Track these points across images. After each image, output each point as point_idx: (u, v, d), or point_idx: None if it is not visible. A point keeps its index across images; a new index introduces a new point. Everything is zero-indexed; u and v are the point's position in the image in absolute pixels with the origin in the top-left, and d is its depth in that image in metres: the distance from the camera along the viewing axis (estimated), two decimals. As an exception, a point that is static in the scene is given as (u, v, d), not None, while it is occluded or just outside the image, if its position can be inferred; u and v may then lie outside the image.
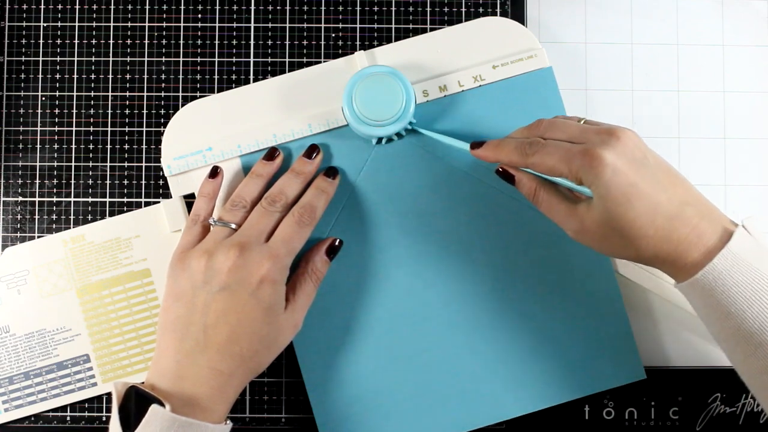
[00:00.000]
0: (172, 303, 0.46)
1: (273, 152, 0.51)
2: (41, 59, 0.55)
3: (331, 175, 0.51)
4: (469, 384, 0.52)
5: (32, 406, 0.53)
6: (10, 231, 0.55)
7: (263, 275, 0.45)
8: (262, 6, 0.56)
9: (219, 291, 0.45)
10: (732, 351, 0.42)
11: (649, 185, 0.42)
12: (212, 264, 0.46)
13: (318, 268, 0.50)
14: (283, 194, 0.49)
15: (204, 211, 0.50)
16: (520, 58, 0.53)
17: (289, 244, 0.47)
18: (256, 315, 0.45)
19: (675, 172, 0.44)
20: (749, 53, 0.56)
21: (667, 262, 0.42)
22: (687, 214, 0.42)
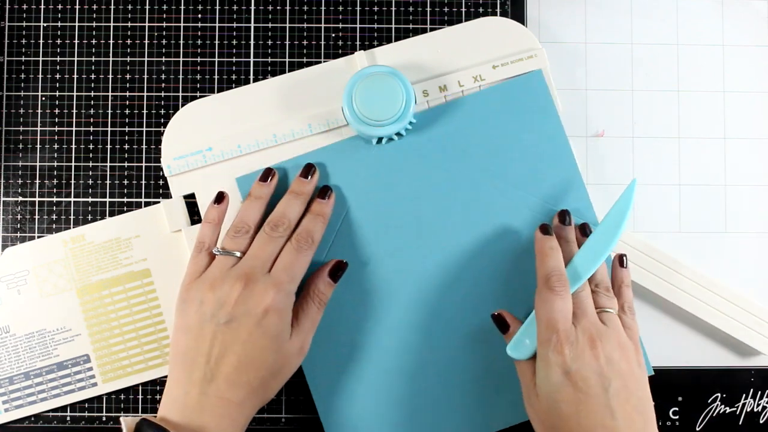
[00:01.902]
0: (181, 335, 0.47)
1: (268, 173, 0.51)
2: (41, 59, 0.55)
3: (324, 196, 0.51)
4: (475, 392, 0.52)
5: (32, 406, 0.53)
6: (10, 231, 0.55)
7: (268, 305, 0.46)
8: (262, 6, 0.56)
9: (226, 323, 0.46)
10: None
11: (598, 404, 0.43)
12: (218, 296, 0.46)
13: (321, 290, 0.50)
14: (285, 218, 0.49)
15: (209, 238, 0.50)
16: (520, 58, 0.53)
17: (291, 271, 0.48)
18: (263, 344, 0.46)
19: (643, 410, 0.44)
20: (749, 53, 0.56)
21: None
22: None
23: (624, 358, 0.45)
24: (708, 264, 0.55)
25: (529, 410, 0.47)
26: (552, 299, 0.46)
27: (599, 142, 0.56)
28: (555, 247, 0.49)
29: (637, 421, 0.43)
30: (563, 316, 0.45)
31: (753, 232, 0.56)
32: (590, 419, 0.43)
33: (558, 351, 0.44)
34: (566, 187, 0.52)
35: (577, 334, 0.45)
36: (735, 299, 0.54)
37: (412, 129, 0.53)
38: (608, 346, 0.45)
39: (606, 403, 0.43)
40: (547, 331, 0.45)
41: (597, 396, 0.43)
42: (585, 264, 0.48)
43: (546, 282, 0.47)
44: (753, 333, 0.54)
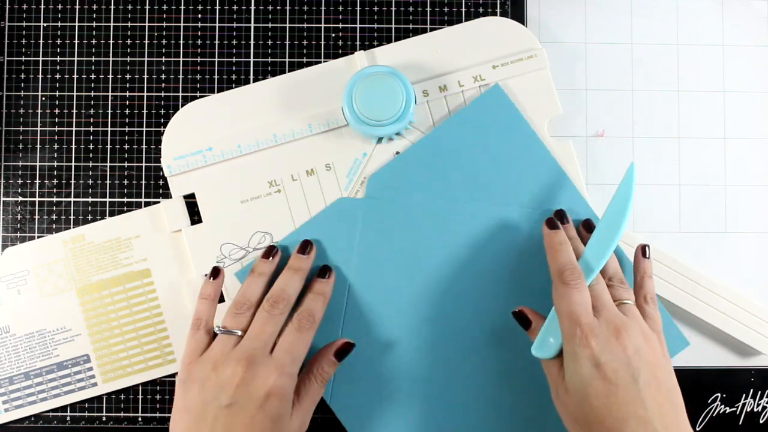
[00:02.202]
0: (182, 415, 0.47)
1: (271, 250, 0.51)
2: (41, 59, 0.55)
3: (324, 275, 0.51)
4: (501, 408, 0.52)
5: (32, 406, 0.53)
6: (10, 231, 0.55)
7: (270, 389, 0.46)
8: (262, 6, 0.56)
9: (227, 406, 0.45)
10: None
11: (629, 396, 0.43)
12: (220, 379, 0.46)
13: (325, 370, 0.50)
14: (285, 293, 0.49)
15: (206, 315, 0.50)
16: (520, 58, 0.53)
17: (292, 352, 0.47)
18: (264, 426, 0.45)
19: (674, 398, 0.44)
20: (749, 53, 0.56)
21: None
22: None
23: (650, 348, 0.45)
24: (708, 264, 0.55)
25: (559, 407, 0.46)
26: (569, 293, 0.46)
27: (599, 142, 0.56)
28: (564, 241, 0.48)
29: (669, 410, 0.43)
30: (584, 309, 0.45)
31: (753, 232, 0.56)
32: (622, 410, 0.42)
33: (584, 344, 0.44)
34: (556, 189, 0.52)
35: (601, 326, 0.45)
36: (735, 299, 0.54)
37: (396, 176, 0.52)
38: (633, 337, 0.44)
39: (637, 393, 0.43)
40: (571, 325, 0.45)
41: (627, 387, 0.43)
42: (595, 256, 0.48)
43: (560, 276, 0.46)
44: (753, 333, 0.54)
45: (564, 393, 0.45)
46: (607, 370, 0.43)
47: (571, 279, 0.46)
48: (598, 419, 0.43)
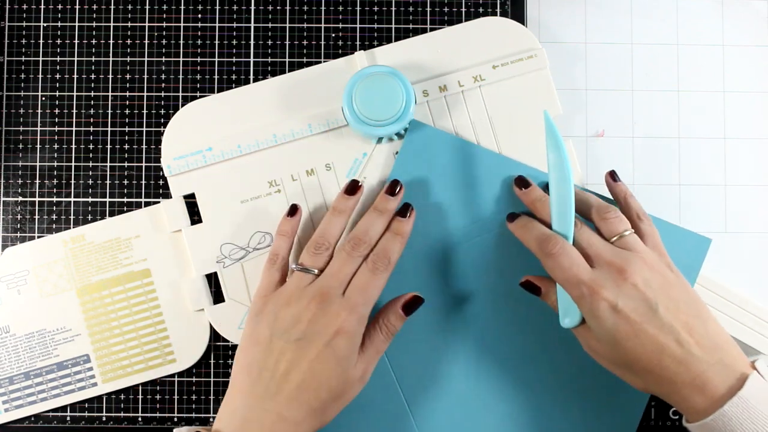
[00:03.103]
0: (249, 346, 0.47)
1: (354, 185, 0.51)
2: (41, 59, 0.55)
3: (405, 214, 0.50)
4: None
5: (32, 406, 0.53)
6: (10, 231, 0.55)
7: (339, 327, 0.46)
8: (262, 6, 0.56)
9: (296, 340, 0.45)
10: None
11: (656, 328, 0.43)
12: (293, 313, 0.46)
13: (392, 322, 0.49)
14: (368, 236, 0.49)
15: (283, 251, 0.50)
16: (520, 58, 0.53)
17: (365, 293, 0.47)
18: (329, 365, 0.45)
19: (695, 310, 0.44)
20: (749, 53, 0.56)
21: (673, 399, 0.44)
22: (696, 359, 0.43)
23: (656, 273, 0.45)
24: (708, 264, 0.55)
25: (596, 357, 0.47)
26: (557, 261, 0.45)
27: (599, 142, 0.56)
28: (527, 223, 0.49)
29: (696, 324, 0.43)
30: (579, 268, 0.45)
31: (753, 232, 0.56)
32: (654, 343, 0.43)
33: (596, 299, 0.44)
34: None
35: (603, 273, 0.45)
36: (735, 299, 0.54)
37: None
38: (638, 270, 0.44)
39: (661, 323, 0.43)
40: (576, 288, 0.45)
41: (651, 320, 0.43)
42: (561, 210, 0.47)
43: (541, 250, 0.46)
44: (753, 333, 0.54)
45: (597, 344, 0.46)
46: (627, 312, 0.43)
47: (552, 248, 0.46)
48: (636, 358, 0.43)
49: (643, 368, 0.43)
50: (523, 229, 0.49)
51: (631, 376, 0.45)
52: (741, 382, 0.42)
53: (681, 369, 0.42)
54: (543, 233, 0.47)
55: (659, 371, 0.43)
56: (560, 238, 0.46)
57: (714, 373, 0.42)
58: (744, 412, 0.41)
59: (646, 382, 0.44)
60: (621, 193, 0.50)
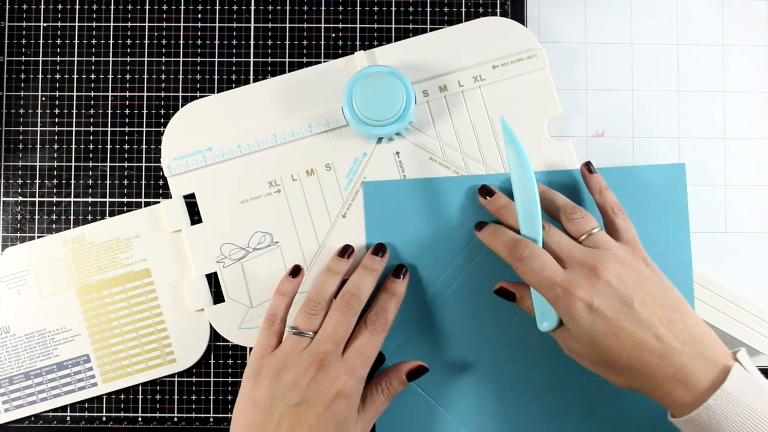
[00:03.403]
0: (248, 408, 0.47)
1: (346, 249, 0.52)
2: (41, 59, 0.55)
3: (399, 275, 0.51)
4: None
5: (32, 406, 0.53)
6: (10, 231, 0.55)
7: (339, 390, 0.46)
8: (262, 6, 0.56)
9: (296, 405, 0.45)
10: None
11: (633, 324, 0.43)
12: (291, 378, 0.46)
13: (394, 386, 0.49)
14: (359, 291, 0.49)
15: (281, 311, 0.50)
16: (520, 58, 0.53)
17: (363, 355, 0.47)
18: (329, 428, 0.45)
19: (673, 303, 0.44)
20: (749, 53, 0.56)
21: (656, 395, 0.43)
22: (676, 352, 0.42)
23: (630, 268, 0.45)
24: (708, 264, 0.55)
25: (576, 358, 0.47)
26: (527, 264, 0.45)
27: (599, 142, 0.56)
28: (495, 230, 0.49)
29: (674, 318, 0.43)
30: (551, 270, 0.45)
31: (753, 232, 0.56)
32: (633, 339, 0.43)
33: (571, 299, 0.44)
34: None
35: (576, 273, 0.45)
36: (735, 299, 0.54)
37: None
38: (611, 267, 0.44)
39: (638, 318, 0.43)
40: (550, 290, 0.45)
41: (627, 316, 0.43)
42: (528, 214, 0.47)
43: (511, 257, 0.46)
44: (753, 333, 0.54)
45: (576, 344, 0.45)
46: (603, 310, 0.43)
47: (522, 252, 0.46)
48: (616, 356, 0.43)
49: (623, 365, 0.43)
50: (491, 236, 0.49)
51: (613, 375, 0.45)
52: (724, 374, 0.41)
53: (662, 363, 0.42)
54: (512, 238, 0.47)
55: (640, 367, 0.43)
56: (530, 242, 0.46)
57: (695, 366, 0.42)
58: (729, 406, 0.40)
59: (628, 380, 0.44)
60: (596, 186, 0.50)
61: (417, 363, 0.50)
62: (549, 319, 0.47)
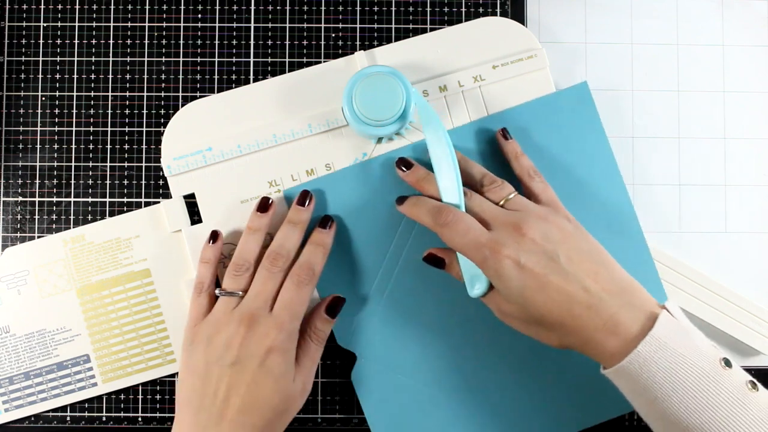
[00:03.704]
0: (188, 377, 0.47)
1: (265, 203, 0.51)
2: (41, 59, 0.55)
3: (326, 225, 0.51)
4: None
5: (32, 406, 0.53)
6: (10, 231, 0.55)
7: (270, 346, 0.46)
8: (262, 6, 0.56)
9: (231, 365, 0.46)
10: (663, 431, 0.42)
11: (561, 277, 0.43)
12: (224, 338, 0.47)
13: (319, 328, 0.50)
14: (284, 249, 0.49)
15: (207, 278, 0.50)
16: (520, 58, 0.53)
17: (291, 308, 0.48)
18: (266, 385, 0.46)
19: (598, 257, 0.45)
20: (749, 53, 0.56)
21: (588, 348, 0.43)
22: (605, 303, 0.43)
23: (553, 225, 0.45)
24: (708, 264, 0.55)
25: (508, 321, 0.46)
26: (453, 228, 0.45)
27: (599, 142, 0.56)
28: (417, 201, 0.49)
29: (601, 271, 0.44)
30: (477, 232, 0.45)
31: (753, 232, 0.56)
32: (562, 292, 0.43)
33: (498, 258, 0.44)
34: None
35: (501, 232, 0.45)
36: (735, 299, 0.54)
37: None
38: (534, 225, 0.45)
39: (566, 272, 0.43)
40: (477, 252, 0.44)
41: (555, 270, 0.43)
42: (448, 181, 0.48)
43: (436, 224, 0.46)
44: (753, 333, 0.54)
45: (507, 305, 0.45)
46: (531, 267, 0.43)
47: (446, 217, 0.46)
48: (548, 312, 0.43)
49: (554, 321, 0.43)
50: (414, 207, 0.49)
51: (545, 333, 0.45)
52: (652, 321, 0.41)
53: (591, 314, 0.42)
54: (434, 206, 0.47)
55: (570, 321, 0.43)
56: (452, 208, 0.46)
57: (624, 315, 0.42)
58: (658, 351, 0.40)
59: (560, 336, 0.44)
60: (512, 152, 0.50)
61: (331, 296, 0.51)
62: (480, 283, 0.47)
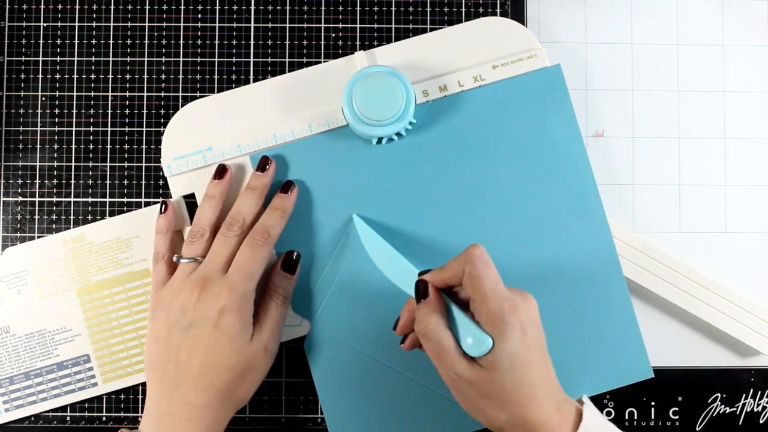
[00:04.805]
0: (151, 344, 0.48)
1: (222, 170, 0.51)
2: (41, 59, 0.55)
3: (287, 191, 0.51)
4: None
5: (32, 406, 0.53)
6: (10, 231, 0.55)
7: (222, 306, 0.46)
8: (262, 6, 0.56)
9: (187, 328, 0.47)
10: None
11: (542, 355, 0.44)
12: (180, 302, 0.47)
13: (278, 285, 0.50)
14: (240, 215, 0.50)
15: (162, 247, 0.51)
16: (520, 58, 0.53)
17: (244, 269, 0.48)
18: (222, 345, 0.46)
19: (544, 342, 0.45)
20: (749, 53, 0.56)
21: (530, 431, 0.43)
22: (556, 389, 0.44)
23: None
24: (708, 264, 0.55)
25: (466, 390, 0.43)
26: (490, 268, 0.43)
27: (599, 142, 0.56)
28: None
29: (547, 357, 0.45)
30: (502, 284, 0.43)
31: (753, 232, 0.56)
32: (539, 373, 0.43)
33: (514, 317, 0.42)
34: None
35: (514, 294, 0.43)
36: (735, 299, 0.54)
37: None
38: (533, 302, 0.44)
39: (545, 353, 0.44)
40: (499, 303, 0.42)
41: (541, 350, 0.44)
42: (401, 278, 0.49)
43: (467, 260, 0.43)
44: (753, 333, 0.54)
45: (478, 371, 0.42)
46: (530, 337, 0.42)
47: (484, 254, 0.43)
48: (516, 389, 0.42)
49: (516, 400, 0.42)
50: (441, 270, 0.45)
51: (495, 410, 0.43)
52: (579, 412, 0.45)
53: (550, 401, 0.43)
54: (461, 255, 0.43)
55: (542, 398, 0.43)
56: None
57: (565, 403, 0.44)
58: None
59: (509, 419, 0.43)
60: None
61: (285, 252, 0.51)
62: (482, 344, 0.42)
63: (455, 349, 0.43)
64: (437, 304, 0.44)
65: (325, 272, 0.52)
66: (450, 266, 0.44)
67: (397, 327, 0.47)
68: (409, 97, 0.50)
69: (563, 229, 0.52)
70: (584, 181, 0.52)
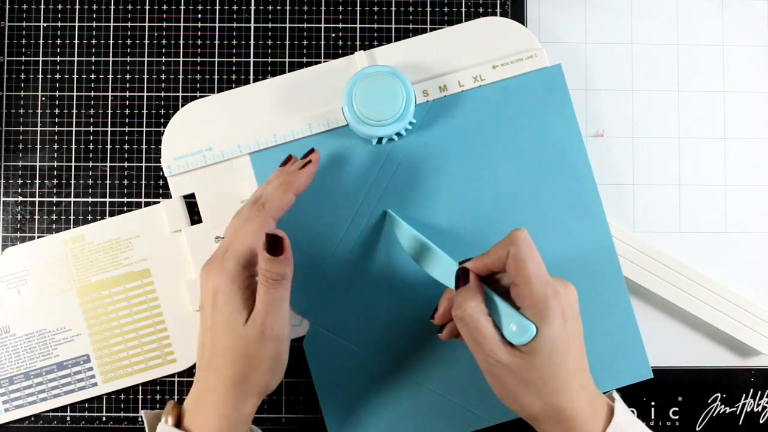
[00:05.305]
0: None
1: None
2: (41, 59, 0.55)
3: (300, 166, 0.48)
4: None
5: (32, 406, 0.53)
6: (10, 231, 0.55)
7: (213, 288, 0.45)
8: (262, 6, 0.56)
9: (202, 311, 0.46)
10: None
11: (579, 346, 0.44)
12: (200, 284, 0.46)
13: (264, 267, 0.44)
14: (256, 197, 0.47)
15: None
16: (520, 58, 0.53)
17: (232, 249, 0.45)
18: (221, 327, 0.45)
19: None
20: (749, 53, 0.56)
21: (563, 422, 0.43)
22: (589, 382, 0.44)
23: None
24: (708, 264, 0.55)
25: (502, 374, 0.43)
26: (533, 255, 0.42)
27: (599, 142, 0.56)
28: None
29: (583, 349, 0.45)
30: (545, 270, 0.43)
31: (753, 232, 0.56)
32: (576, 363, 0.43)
33: (556, 302, 0.42)
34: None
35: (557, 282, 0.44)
36: (735, 299, 0.54)
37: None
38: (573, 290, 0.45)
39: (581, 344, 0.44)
40: (543, 286, 0.42)
41: (578, 339, 0.44)
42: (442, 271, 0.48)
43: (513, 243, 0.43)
44: (753, 333, 0.54)
45: (517, 357, 0.42)
46: (570, 325, 0.42)
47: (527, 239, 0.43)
48: (553, 376, 0.42)
49: (552, 388, 0.42)
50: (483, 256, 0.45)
51: (530, 398, 0.42)
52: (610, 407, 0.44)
53: (583, 394, 0.43)
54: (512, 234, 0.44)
55: (565, 395, 0.42)
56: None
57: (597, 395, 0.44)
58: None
59: (542, 407, 0.43)
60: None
61: (265, 234, 0.44)
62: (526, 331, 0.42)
63: (494, 333, 0.42)
64: (477, 290, 0.44)
65: (325, 272, 0.52)
66: (493, 250, 0.44)
67: (435, 316, 0.47)
68: (409, 97, 0.50)
69: (563, 229, 0.52)
70: (584, 181, 0.52)
